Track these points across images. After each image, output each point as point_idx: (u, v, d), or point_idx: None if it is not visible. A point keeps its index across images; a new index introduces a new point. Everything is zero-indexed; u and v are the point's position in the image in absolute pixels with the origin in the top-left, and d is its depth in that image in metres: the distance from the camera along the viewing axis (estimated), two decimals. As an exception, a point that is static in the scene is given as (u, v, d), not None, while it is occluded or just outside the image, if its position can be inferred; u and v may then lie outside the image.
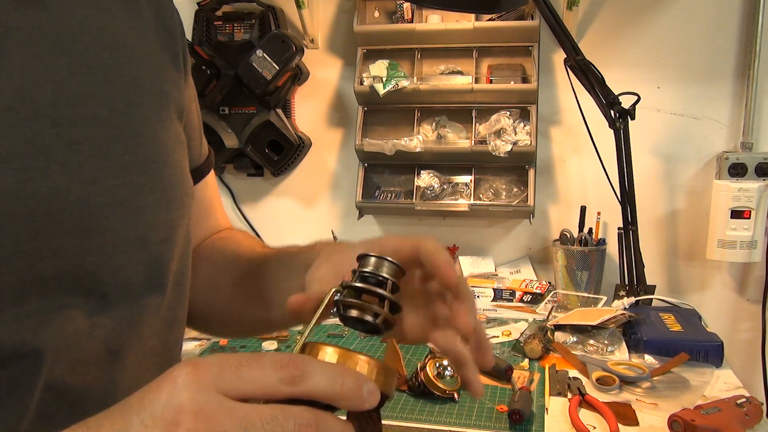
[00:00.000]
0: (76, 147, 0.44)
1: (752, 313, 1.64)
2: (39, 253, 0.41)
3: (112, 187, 0.46)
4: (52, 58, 0.44)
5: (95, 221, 0.45)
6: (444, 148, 1.65)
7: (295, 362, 0.33)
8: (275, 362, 0.33)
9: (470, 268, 1.70)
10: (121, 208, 0.47)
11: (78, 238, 0.44)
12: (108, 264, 0.46)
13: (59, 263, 0.43)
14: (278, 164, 1.78)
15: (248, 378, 0.32)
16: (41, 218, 0.41)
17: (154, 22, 0.55)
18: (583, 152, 1.66)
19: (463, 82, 1.64)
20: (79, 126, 0.45)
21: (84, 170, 0.44)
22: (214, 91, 1.70)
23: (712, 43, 1.58)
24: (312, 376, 0.33)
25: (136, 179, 0.48)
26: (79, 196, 0.44)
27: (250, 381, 0.32)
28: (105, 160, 0.46)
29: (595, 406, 1.05)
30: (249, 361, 0.33)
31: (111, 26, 0.49)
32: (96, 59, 0.47)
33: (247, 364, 0.32)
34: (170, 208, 0.52)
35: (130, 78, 0.50)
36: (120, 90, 0.48)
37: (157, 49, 0.55)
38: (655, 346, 1.24)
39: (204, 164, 0.68)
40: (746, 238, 1.51)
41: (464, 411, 1.06)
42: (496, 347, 1.33)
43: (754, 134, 1.56)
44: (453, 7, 1.08)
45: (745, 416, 0.97)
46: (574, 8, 1.53)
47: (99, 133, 0.46)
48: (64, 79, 0.44)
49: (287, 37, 1.62)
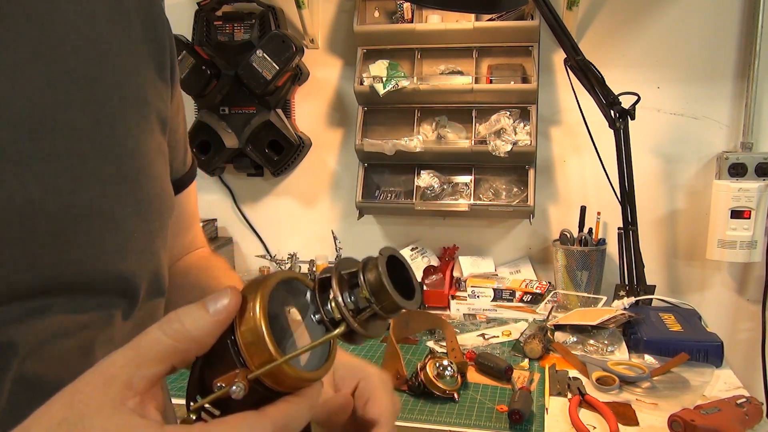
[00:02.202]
0: (53, 158, 0.43)
1: (752, 313, 1.64)
2: (14, 265, 0.41)
3: (90, 198, 0.45)
4: (31, 67, 0.43)
5: (72, 234, 0.44)
6: (444, 148, 1.65)
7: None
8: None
9: (470, 268, 1.70)
10: (99, 220, 0.46)
11: (54, 250, 0.43)
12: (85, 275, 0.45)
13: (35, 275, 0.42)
14: (278, 164, 1.78)
15: None
16: (16, 229, 0.41)
17: (141, 31, 0.55)
18: (583, 152, 1.66)
19: (463, 82, 1.64)
20: (58, 137, 0.44)
21: (61, 181, 0.43)
22: (214, 91, 1.70)
23: (712, 43, 1.58)
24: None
25: (115, 190, 0.47)
26: (55, 208, 0.43)
27: None
28: (83, 171, 0.45)
29: (595, 406, 1.05)
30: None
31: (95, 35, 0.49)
32: (77, 69, 0.47)
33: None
34: (149, 218, 0.51)
35: (112, 87, 0.49)
36: (100, 100, 0.48)
37: (143, 59, 0.54)
38: (655, 346, 1.24)
39: (186, 175, 0.68)
40: (746, 238, 1.51)
41: (464, 411, 1.06)
42: (496, 347, 1.34)
43: (754, 134, 1.56)
44: (453, 7, 1.08)
45: (745, 416, 0.97)
46: (574, 8, 1.53)
47: (78, 144, 0.45)
48: (42, 88, 0.44)
49: (287, 37, 1.62)
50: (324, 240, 1.83)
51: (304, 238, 1.89)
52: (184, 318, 0.32)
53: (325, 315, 0.35)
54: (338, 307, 0.34)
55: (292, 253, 1.80)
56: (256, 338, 0.32)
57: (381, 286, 0.34)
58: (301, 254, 1.81)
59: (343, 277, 0.35)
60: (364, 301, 0.35)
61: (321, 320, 0.35)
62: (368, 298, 0.34)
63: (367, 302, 0.34)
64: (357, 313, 0.35)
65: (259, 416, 0.32)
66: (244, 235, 1.92)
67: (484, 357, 1.22)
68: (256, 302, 0.32)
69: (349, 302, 0.35)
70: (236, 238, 1.93)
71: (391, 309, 0.35)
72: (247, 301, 0.33)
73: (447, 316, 1.55)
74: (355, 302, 0.35)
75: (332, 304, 0.35)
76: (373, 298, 0.34)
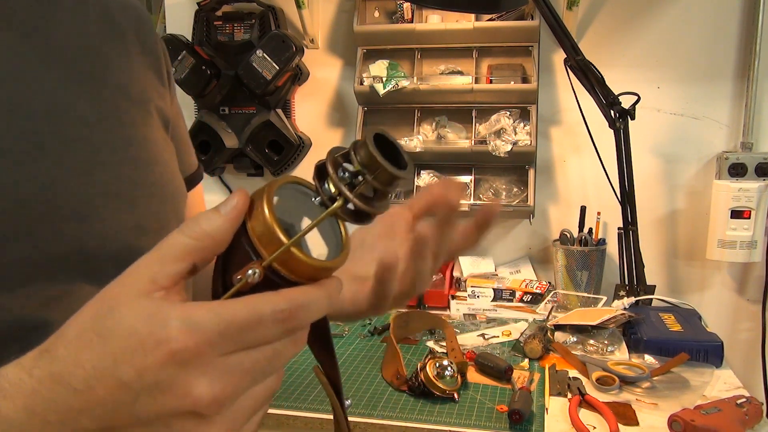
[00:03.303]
0: (69, 144, 0.47)
1: (752, 313, 1.64)
2: (41, 235, 0.44)
3: (106, 180, 0.49)
4: (42, 70, 0.48)
5: (92, 209, 0.48)
6: (444, 148, 1.65)
7: (295, 311, 0.33)
8: (276, 319, 0.33)
9: (470, 268, 1.70)
10: (115, 199, 0.50)
11: (76, 224, 0.47)
12: (108, 249, 0.48)
13: (61, 246, 0.46)
14: (278, 164, 1.78)
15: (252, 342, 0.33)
16: (41, 204, 0.45)
17: (138, 44, 0.59)
18: (583, 152, 1.66)
19: (463, 82, 1.64)
20: (72, 127, 0.48)
21: (78, 165, 0.48)
22: (214, 91, 1.70)
23: (712, 43, 1.58)
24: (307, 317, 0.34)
25: (127, 173, 0.51)
26: (73, 187, 0.47)
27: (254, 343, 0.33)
28: (97, 156, 0.49)
29: (595, 406, 1.05)
30: (250, 324, 0.32)
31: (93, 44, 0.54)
32: (83, 71, 0.51)
33: (249, 328, 0.32)
34: (163, 200, 0.55)
35: (116, 88, 0.54)
36: (107, 98, 0.52)
37: (142, 67, 0.59)
38: (655, 346, 1.24)
39: (193, 175, 0.71)
40: (746, 238, 1.51)
41: (464, 411, 1.06)
42: (496, 347, 1.34)
43: (754, 134, 1.56)
44: (453, 7, 1.08)
45: (745, 416, 0.97)
46: (574, 8, 1.53)
47: (90, 133, 0.49)
48: (54, 89, 0.48)
49: (287, 37, 1.62)
50: (324, 240, 1.83)
51: (304, 238, 1.89)
52: (200, 219, 0.35)
53: (323, 194, 0.36)
54: (334, 183, 0.36)
55: (292, 253, 1.79)
56: (265, 229, 0.34)
57: (371, 158, 0.35)
58: (301, 254, 1.81)
59: (337, 159, 0.37)
60: (357, 175, 0.36)
61: (322, 202, 0.37)
62: (361, 171, 0.36)
63: (360, 174, 0.36)
64: (353, 188, 0.36)
65: (275, 293, 0.34)
66: (244, 235, 1.92)
67: (484, 357, 1.22)
68: (263, 199, 0.35)
69: (344, 177, 0.36)
70: (236, 238, 1.93)
71: (385, 179, 0.36)
72: (255, 201, 0.35)
73: (447, 316, 1.55)
74: (350, 177, 0.36)
75: (329, 184, 0.36)
76: (365, 170, 0.36)
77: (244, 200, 0.35)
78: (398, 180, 0.37)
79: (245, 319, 0.32)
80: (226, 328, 0.32)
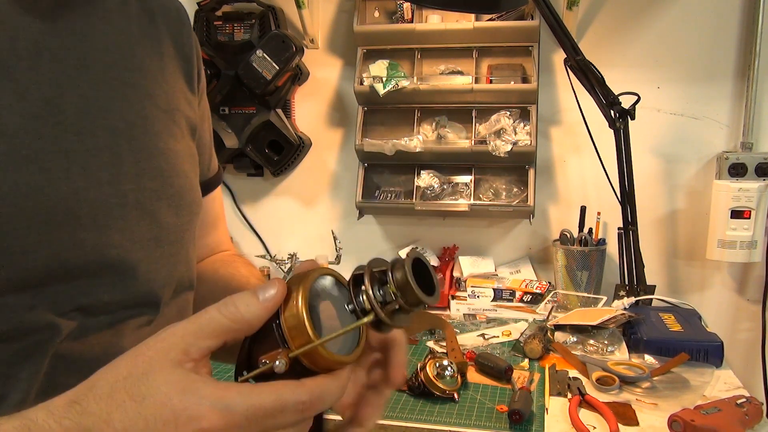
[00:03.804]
0: (95, 153, 0.49)
1: (752, 313, 1.64)
2: (62, 244, 0.46)
3: (127, 191, 0.51)
4: (78, 74, 0.50)
5: (111, 219, 0.50)
6: (444, 148, 1.65)
7: (313, 403, 0.36)
8: (297, 409, 0.36)
9: (470, 268, 1.70)
10: (135, 210, 0.52)
11: (97, 233, 0.48)
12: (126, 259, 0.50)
13: (81, 254, 0.47)
14: (278, 164, 1.78)
15: (272, 426, 0.35)
16: (62, 213, 0.46)
17: (172, 48, 0.61)
18: (583, 152, 1.66)
19: (463, 82, 1.64)
20: (99, 135, 0.50)
21: (101, 174, 0.49)
22: (214, 91, 1.70)
23: (712, 43, 1.58)
24: (322, 407, 0.37)
25: (149, 185, 0.53)
26: (96, 197, 0.49)
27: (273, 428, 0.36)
28: (121, 166, 0.51)
29: (595, 406, 1.05)
30: (274, 411, 0.35)
31: (132, 49, 0.56)
32: (117, 77, 0.53)
33: (272, 415, 0.35)
34: (180, 213, 0.57)
35: (146, 95, 0.56)
36: (136, 106, 0.54)
37: (174, 72, 0.61)
38: (655, 346, 1.24)
39: (212, 179, 0.73)
40: (746, 238, 1.51)
41: (464, 411, 1.06)
42: (496, 347, 1.34)
43: (754, 134, 1.56)
44: (453, 7, 1.08)
45: (745, 416, 0.97)
46: (574, 8, 1.53)
47: (116, 143, 0.51)
48: (87, 92, 0.50)
49: (287, 37, 1.62)
50: (324, 240, 1.83)
51: (304, 238, 1.89)
52: (239, 302, 0.37)
53: (357, 305, 0.40)
54: (368, 299, 0.39)
55: (292, 253, 1.80)
56: (297, 323, 0.37)
57: (406, 283, 0.39)
58: (301, 254, 1.81)
59: (374, 274, 0.40)
60: (391, 295, 0.39)
61: (353, 310, 0.40)
62: (395, 293, 0.39)
63: (393, 296, 0.39)
64: (384, 305, 0.40)
65: (298, 384, 0.36)
66: (244, 235, 1.92)
67: (484, 357, 1.22)
68: (299, 292, 0.38)
69: (378, 295, 0.40)
70: (236, 238, 1.93)
71: (414, 303, 0.40)
72: (291, 291, 0.38)
73: (447, 316, 1.55)
74: (383, 295, 0.40)
75: (363, 297, 0.40)
76: (399, 292, 0.39)
77: (282, 291, 0.38)
78: (424, 305, 0.40)
79: (271, 407, 0.35)
80: (253, 414, 0.34)
